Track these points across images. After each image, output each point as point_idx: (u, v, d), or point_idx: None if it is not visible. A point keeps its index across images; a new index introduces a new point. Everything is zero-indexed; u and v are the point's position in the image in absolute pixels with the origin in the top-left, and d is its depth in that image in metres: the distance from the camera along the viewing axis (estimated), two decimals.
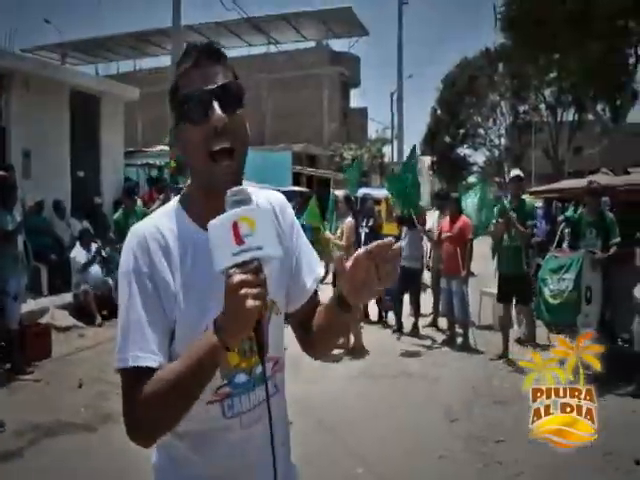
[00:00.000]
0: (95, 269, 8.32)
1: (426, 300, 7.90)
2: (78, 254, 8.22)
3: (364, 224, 8.48)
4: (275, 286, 1.21)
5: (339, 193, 9.17)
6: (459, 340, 6.91)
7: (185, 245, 1.17)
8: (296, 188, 16.12)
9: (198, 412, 1.13)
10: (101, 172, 11.43)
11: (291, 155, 19.87)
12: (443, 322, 7.46)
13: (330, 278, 8.53)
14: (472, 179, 44.77)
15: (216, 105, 1.12)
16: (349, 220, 7.17)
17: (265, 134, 25.46)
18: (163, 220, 1.20)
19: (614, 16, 16.24)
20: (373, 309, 8.45)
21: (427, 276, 8.44)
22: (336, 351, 7.04)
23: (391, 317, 8.06)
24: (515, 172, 6.55)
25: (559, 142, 34.18)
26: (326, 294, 1.37)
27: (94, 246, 8.40)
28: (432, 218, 7.96)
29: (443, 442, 4.22)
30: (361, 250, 1.13)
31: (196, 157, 1.15)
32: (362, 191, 9.79)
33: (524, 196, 6.65)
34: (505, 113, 42.92)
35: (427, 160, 42.72)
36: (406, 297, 7.69)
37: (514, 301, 6.35)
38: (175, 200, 1.25)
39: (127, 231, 1.25)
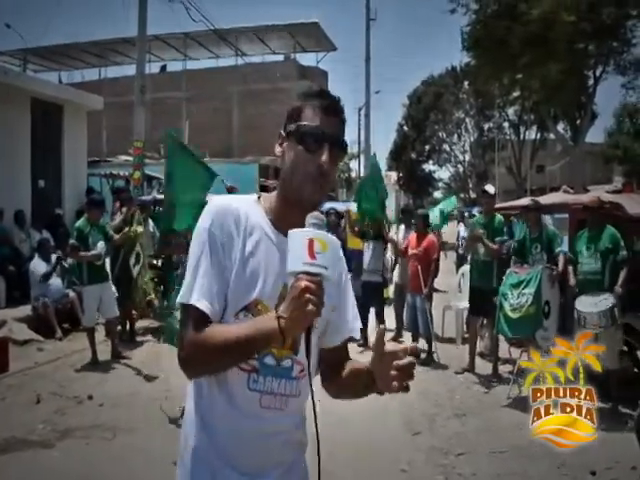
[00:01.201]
0: (55, 281, 8.11)
1: (391, 313, 7.97)
2: (37, 265, 8.00)
3: None
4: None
5: None
6: (423, 355, 6.96)
7: (254, 230, 1.36)
8: None
9: (232, 373, 1.34)
10: (63, 182, 11.21)
11: (258, 167, 19.85)
12: (407, 337, 7.51)
13: None
14: (438, 195, 45.55)
15: (326, 149, 1.34)
16: None
17: (233, 146, 25.39)
18: (242, 204, 1.39)
19: (573, 39, 16.80)
20: None
21: (391, 290, 8.51)
22: None
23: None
24: (487, 188, 6.66)
25: (522, 160, 35.06)
26: None
27: (54, 257, 8.19)
28: (399, 233, 8.05)
29: (405, 455, 4.25)
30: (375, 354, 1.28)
31: (296, 174, 1.35)
32: (327, 205, 9.84)
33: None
34: (470, 130, 43.85)
35: (393, 175, 43.22)
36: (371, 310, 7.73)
37: (480, 314, 6.45)
38: (254, 196, 1.45)
39: (88, 240, 1.34)
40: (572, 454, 3.71)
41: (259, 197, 1.46)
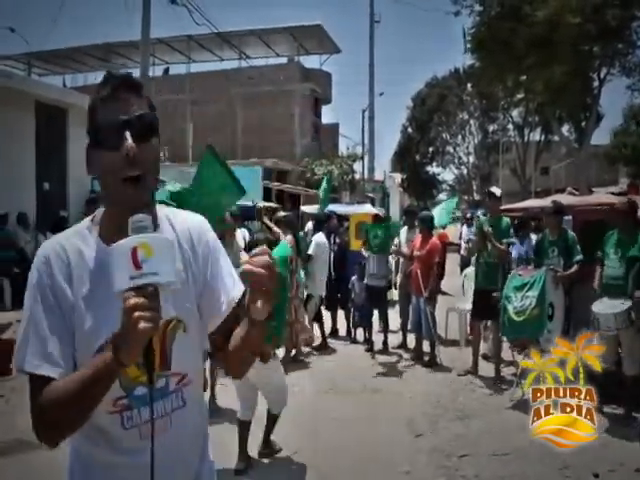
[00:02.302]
0: None
1: (395, 316, 7.97)
2: None
3: (332, 242, 8.52)
4: (181, 307, 1.30)
5: (307, 209, 9.17)
6: (426, 357, 6.96)
7: (89, 263, 1.25)
8: (266, 203, 16.09)
9: (100, 420, 1.24)
10: (67, 184, 11.26)
11: (262, 170, 19.87)
12: (411, 339, 7.49)
13: None
14: (442, 197, 45.46)
15: (128, 135, 1.21)
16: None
17: (236, 148, 25.42)
18: (71, 238, 1.28)
19: (578, 41, 16.75)
20: (342, 325, 8.48)
21: (395, 293, 8.50)
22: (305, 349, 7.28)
23: (360, 333, 8.10)
24: (493, 190, 6.59)
25: (526, 161, 34.99)
26: None
27: None
28: (402, 234, 8.03)
29: (408, 457, 4.24)
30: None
31: (107, 181, 1.24)
32: (329, 208, 9.82)
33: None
34: (474, 132, 43.82)
35: (397, 177, 43.17)
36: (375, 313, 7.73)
37: (484, 317, 6.40)
38: (88, 218, 1.34)
39: None
40: (574, 456, 3.71)
41: (94, 217, 1.33)
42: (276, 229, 6.74)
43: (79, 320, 1.22)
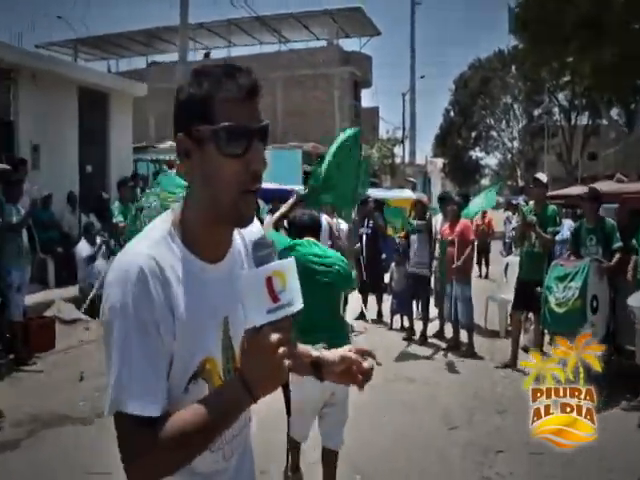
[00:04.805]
0: (101, 263, 8.33)
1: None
2: (82, 248, 8.24)
3: (365, 225, 8.43)
4: None
5: None
6: (464, 347, 6.83)
7: (183, 278, 1.10)
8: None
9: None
10: (109, 167, 11.46)
11: (301, 154, 19.84)
12: (448, 328, 7.36)
13: None
14: (485, 182, 44.56)
15: (260, 147, 1.10)
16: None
17: (276, 132, 25.45)
18: (159, 249, 1.10)
19: (628, 21, 16.06)
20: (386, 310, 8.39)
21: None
22: None
23: (396, 321, 8.03)
24: (539, 176, 6.32)
25: (573, 147, 33.95)
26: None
27: (99, 240, 8.41)
28: (437, 222, 7.88)
29: (441, 449, 4.17)
30: (345, 354, 1.30)
31: (222, 189, 1.08)
32: (367, 192, 9.69)
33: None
34: (518, 116, 42.75)
35: (439, 162, 42.49)
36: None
37: (526, 308, 6.24)
38: (166, 225, 1.15)
39: (127, 218, 1.25)
40: (619, 458, 3.58)
41: (173, 224, 1.15)
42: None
43: (177, 346, 1.08)
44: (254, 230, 1.26)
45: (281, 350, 0.96)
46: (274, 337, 0.96)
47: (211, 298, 1.14)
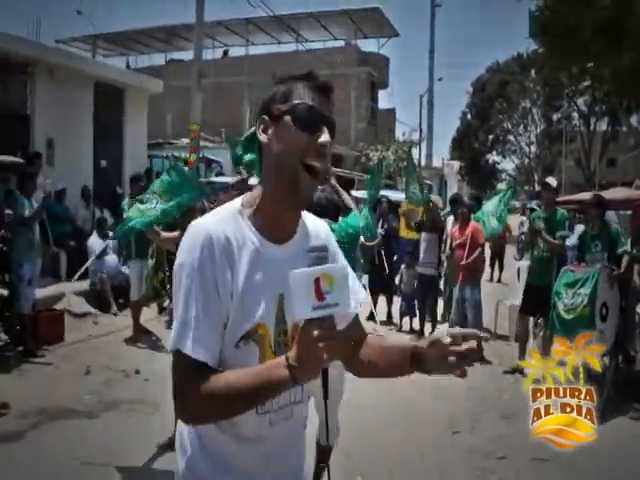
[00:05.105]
0: (112, 257, 8.40)
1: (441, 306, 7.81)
2: (94, 242, 8.30)
3: (380, 226, 8.44)
4: None
5: (358, 194, 9.05)
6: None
7: (244, 251, 1.24)
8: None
9: None
10: (124, 162, 11.55)
11: None
12: None
13: None
14: (502, 186, 44.17)
15: (326, 130, 1.23)
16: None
17: None
18: (227, 224, 1.25)
19: None
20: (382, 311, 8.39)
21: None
22: None
23: (406, 322, 8.00)
24: (549, 180, 6.33)
25: (591, 152, 33.56)
26: None
27: (111, 235, 8.46)
28: (448, 224, 7.84)
29: (444, 454, 4.13)
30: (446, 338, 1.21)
31: (287, 160, 1.22)
32: (382, 193, 9.69)
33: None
34: (536, 121, 42.37)
35: (455, 165, 42.23)
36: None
37: (535, 313, 6.17)
38: (237, 203, 1.31)
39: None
40: (630, 469, 3.52)
41: (244, 203, 1.31)
42: (345, 195, 6.38)
43: (234, 308, 1.23)
44: (321, 235, 1.40)
45: (321, 344, 1.06)
46: (316, 332, 1.06)
47: (270, 274, 1.25)
